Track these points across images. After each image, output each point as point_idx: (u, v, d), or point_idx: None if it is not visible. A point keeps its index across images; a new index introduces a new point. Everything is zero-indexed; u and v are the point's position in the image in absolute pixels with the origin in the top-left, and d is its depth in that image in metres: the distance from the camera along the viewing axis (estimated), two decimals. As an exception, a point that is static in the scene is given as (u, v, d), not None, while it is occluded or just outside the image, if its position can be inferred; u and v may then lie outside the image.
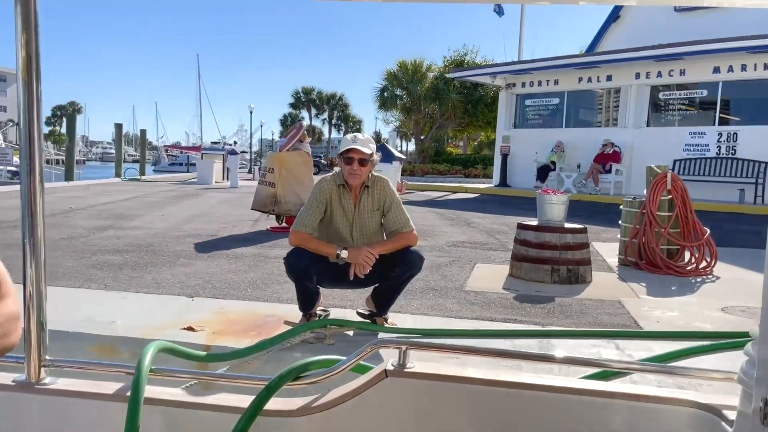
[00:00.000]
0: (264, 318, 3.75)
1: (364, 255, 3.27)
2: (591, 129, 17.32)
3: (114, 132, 27.72)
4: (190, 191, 15.45)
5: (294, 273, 3.36)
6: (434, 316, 4.02)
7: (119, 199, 12.25)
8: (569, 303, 4.61)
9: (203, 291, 4.49)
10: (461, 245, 7.41)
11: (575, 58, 16.59)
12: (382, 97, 30.97)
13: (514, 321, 4.00)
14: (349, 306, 4.20)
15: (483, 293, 4.86)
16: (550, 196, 5.60)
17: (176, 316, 3.71)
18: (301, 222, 3.39)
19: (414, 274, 3.51)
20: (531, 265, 5.44)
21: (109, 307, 3.87)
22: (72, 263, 5.36)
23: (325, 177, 3.54)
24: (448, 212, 11.57)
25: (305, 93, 51.83)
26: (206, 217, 9.36)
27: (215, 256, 6.02)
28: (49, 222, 8.07)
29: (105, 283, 4.62)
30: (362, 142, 3.43)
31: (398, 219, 3.50)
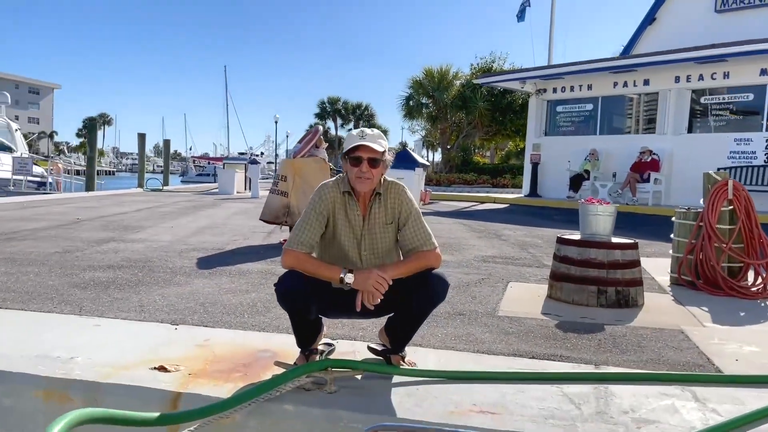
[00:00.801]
0: (256, 354, 3.11)
1: (374, 280, 2.61)
2: (627, 136, 16.45)
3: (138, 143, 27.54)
4: (208, 201, 14.97)
5: (287, 303, 2.70)
6: (462, 351, 3.33)
7: (132, 209, 11.78)
8: (622, 333, 3.89)
9: (192, 316, 3.86)
10: (491, 260, 6.71)
11: (610, 61, 15.76)
12: (407, 106, 30.35)
13: (560, 358, 3.30)
14: (361, 336, 3.53)
15: (519, 319, 4.16)
16: (594, 207, 4.88)
17: (151, 350, 3.09)
18: (296, 239, 2.75)
19: (436, 304, 2.83)
20: (574, 286, 4.72)
21: (75, 337, 3.26)
22: (54, 281, 4.79)
23: (327, 183, 2.88)
24: (476, 223, 10.85)
25: (331, 103, 51.56)
26: (217, 229, 8.80)
27: (217, 273, 5.42)
28: (51, 234, 7.58)
29: (82, 306, 4.02)
30: (371, 137, 2.77)
31: (417, 234, 2.82)
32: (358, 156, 2.73)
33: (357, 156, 2.74)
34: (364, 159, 2.73)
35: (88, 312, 3.87)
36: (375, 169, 2.76)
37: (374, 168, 2.75)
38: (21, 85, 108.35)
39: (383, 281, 2.61)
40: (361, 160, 2.73)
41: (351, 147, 2.75)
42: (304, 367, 2.66)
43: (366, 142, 2.73)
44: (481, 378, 2.83)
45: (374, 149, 2.73)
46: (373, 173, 2.76)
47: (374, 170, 2.76)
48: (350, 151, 2.76)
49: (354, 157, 2.74)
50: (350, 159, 2.76)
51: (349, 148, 2.77)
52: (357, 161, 2.74)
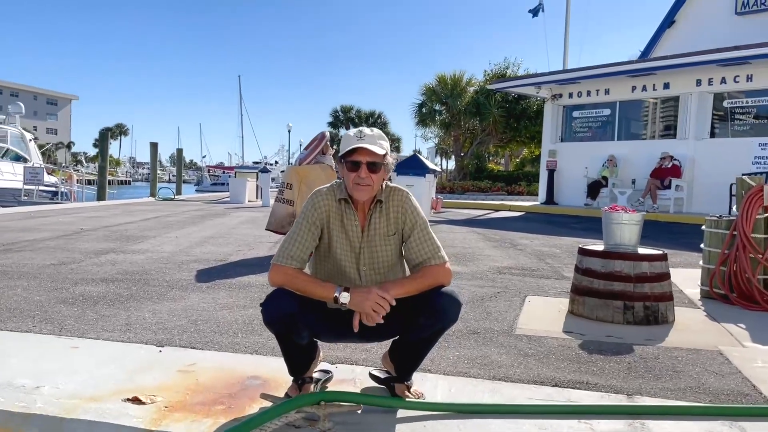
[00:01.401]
0: (244, 381, 2.77)
1: (373, 301, 2.27)
2: (646, 141, 15.99)
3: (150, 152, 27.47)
4: (218, 210, 14.73)
5: (275, 327, 2.37)
6: (477, 378, 2.97)
7: (139, 219, 11.55)
8: (654, 354, 3.51)
9: (181, 336, 3.54)
10: (507, 271, 6.34)
11: (628, 64, 15.34)
12: (420, 113, 30.04)
13: (586, 385, 2.93)
14: (363, 360, 3.19)
15: (539, 339, 3.79)
16: (619, 215, 4.51)
17: (128, 376, 2.77)
18: (285, 252, 2.41)
19: (447, 327, 2.48)
20: (598, 301, 4.35)
21: (46, 361, 2.96)
22: (41, 296, 4.50)
23: (320, 189, 2.54)
24: (491, 232, 10.48)
25: (344, 111, 51.27)
26: (222, 239, 8.50)
27: (215, 286, 5.10)
28: (50, 245, 7.33)
29: (63, 324, 3.72)
30: (371, 138, 2.43)
31: (424, 247, 2.48)
32: (356, 160, 2.40)
33: (354, 160, 2.40)
34: (362, 163, 2.39)
35: (69, 331, 3.56)
36: (375, 174, 2.41)
37: (374, 173, 2.41)
38: (39, 96, 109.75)
39: (384, 301, 2.27)
40: (359, 165, 2.39)
41: (348, 149, 2.42)
42: (294, 401, 2.32)
43: (365, 144, 2.39)
44: (498, 412, 2.48)
45: (374, 152, 2.39)
46: (373, 179, 2.42)
47: (374, 176, 2.41)
48: (347, 154, 2.42)
49: (351, 161, 2.41)
50: (347, 163, 2.42)
51: (345, 151, 2.43)
52: (354, 166, 2.40)
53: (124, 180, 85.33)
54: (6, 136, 21.52)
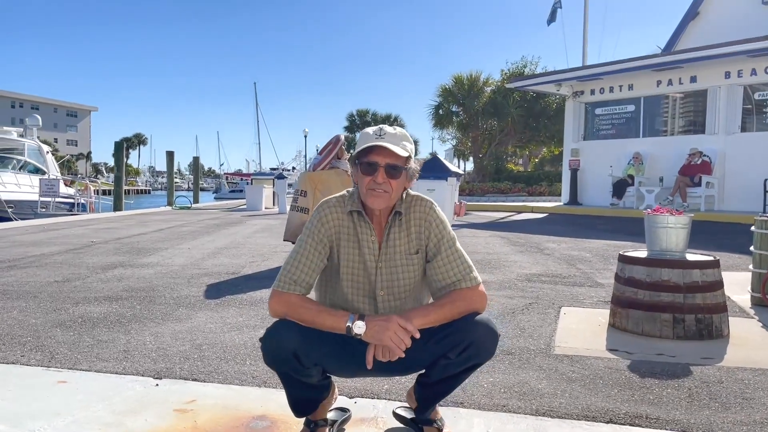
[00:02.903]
0: (248, 424, 2.40)
1: (392, 332, 1.88)
2: (673, 138, 15.42)
3: (166, 160, 27.39)
4: (234, 219, 14.45)
5: (277, 365, 1.99)
6: (517, 414, 2.57)
7: (153, 230, 11.28)
8: (716, 377, 3.08)
9: (182, 365, 3.19)
10: (537, 279, 5.93)
11: (652, 58, 14.79)
12: (437, 115, 29.61)
13: (646, 420, 2.52)
14: (386, 392, 2.81)
15: (581, 359, 3.38)
16: (665, 218, 4.07)
17: (117, 419, 2.41)
18: (287, 277, 2.04)
19: (481, 363, 2.07)
20: (643, 314, 3.92)
21: (28, 401, 2.61)
22: (37, 319, 4.18)
23: (328, 200, 2.15)
24: (515, 236, 10.04)
25: (360, 115, 51.06)
26: (236, 250, 8.18)
27: (225, 303, 4.76)
28: (58, 260, 7.05)
29: (55, 353, 3.38)
30: (392, 137, 2.03)
31: (454, 267, 2.08)
32: (373, 161, 2.01)
33: (371, 161, 2.01)
34: (380, 165, 2.00)
35: (60, 362, 3.22)
36: (395, 180, 2.02)
37: (393, 179, 2.02)
38: (59, 108, 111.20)
39: (405, 333, 1.88)
40: (376, 167, 2.00)
41: (364, 148, 2.02)
42: (303, 454, 1.95)
43: (385, 142, 2.00)
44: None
45: (395, 153, 2.00)
46: (392, 185, 2.02)
47: (393, 182, 2.02)
48: (362, 153, 2.03)
49: (367, 162, 2.01)
50: (361, 164, 2.03)
51: (360, 150, 2.03)
52: (370, 168, 2.01)
53: (143, 189, 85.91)
54: (23, 149, 21.49)
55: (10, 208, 17.01)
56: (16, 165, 20.52)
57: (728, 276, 5.97)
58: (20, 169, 20.58)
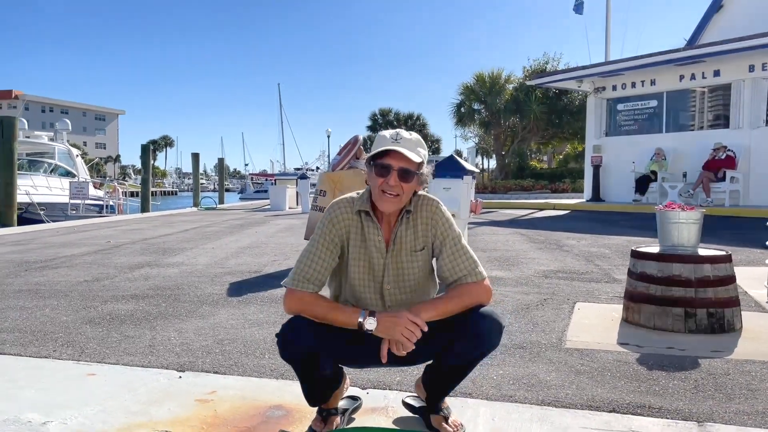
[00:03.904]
0: (265, 412, 2.54)
1: (403, 326, 2.00)
2: (697, 132, 15.26)
3: (192, 162, 27.85)
4: (257, 219, 14.68)
5: (292, 360, 2.11)
6: (523, 403, 2.67)
7: (178, 230, 11.54)
8: (723, 369, 3.14)
9: (204, 359, 3.34)
10: (554, 275, 5.98)
11: (675, 53, 14.65)
12: (458, 113, 29.59)
13: (648, 410, 2.59)
14: (397, 383, 2.92)
15: (591, 353, 3.46)
16: (676, 213, 4.12)
17: (142, 408, 2.56)
18: (300, 275, 2.16)
19: (487, 353, 2.18)
20: (655, 308, 3.97)
21: (59, 392, 2.78)
22: (68, 317, 4.38)
23: (339, 201, 2.26)
24: (535, 233, 10.07)
25: (382, 115, 51.19)
26: (258, 249, 8.36)
27: (247, 300, 4.91)
28: (87, 260, 7.29)
29: (85, 348, 3.56)
30: (408, 142, 2.14)
31: (459, 262, 2.19)
32: (387, 164, 2.11)
33: (385, 163, 2.11)
34: (393, 169, 2.10)
35: (89, 356, 3.40)
36: (407, 183, 2.12)
37: (406, 182, 2.12)
38: (88, 112, 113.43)
39: (415, 327, 1.99)
40: (389, 170, 2.10)
41: (379, 151, 2.12)
42: (314, 439, 2.07)
43: (400, 147, 2.10)
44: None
45: (409, 158, 2.10)
46: (404, 188, 2.12)
47: (405, 185, 2.12)
48: (377, 155, 2.13)
49: (381, 164, 2.11)
50: (376, 166, 2.13)
51: (376, 152, 2.13)
52: (384, 170, 2.11)
53: (170, 191, 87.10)
54: (54, 153, 22.02)
55: (42, 210, 17.48)
56: (47, 168, 21.06)
57: (748, 271, 5.99)
58: (51, 172, 21.12)
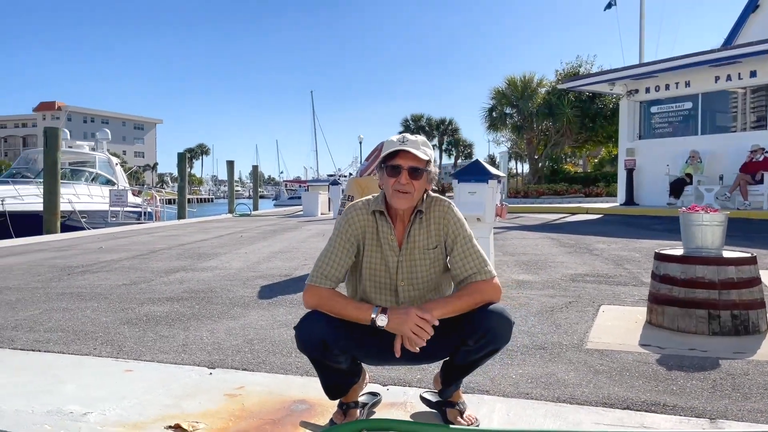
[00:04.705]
0: (289, 406, 2.67)
1: (412, 323, 2.11)
2: (733, 134, 14.99)
3: (227, 170, 28.38)
4: (290, 224, 14.92)
5: (307, 350, 2.25)
6: (538, 400, 2.74)
7: (213, 236, 11.83)
8: (743, 370, 3.16)
9: (234, 357, 3.49)
10: (581, 279, 6.00)
11: (709, 54, 14.43)
12: (490, 117, 29.49)
13: (663, 407, 2.64)
14: (417, 380, 3.02)
15: (612, 353, 3.50)
16: (699, 216, 4.13)
17: (175, 401, 2.72)
18: (319, 272, 2.29)
19: (499, 349, 2.27)
20: (678, 310, 3.99)
21: (98, 386, 2.96)
22: (108, 318, 4.59)
23: (355, 203, 2.41)
24: (566, 237, 10.05)
25: (414, 120, 51.33)
26: (290, 254, 8.54)
27: (277, 302, 5.07)
28: (126, 265, 7.57)
29: (122, 346, 3.75)
30: (414, 143, 2.29)
31: (469, 261, 2.29)
32: (397, 164, 2.26)
33: (395, 164, 2.26)
34: (403, 168, 2.25)
35: (127, 354, 3.58)
36: (416, 181, 2.27)
37: (416, 180, 2.26)
38: (127, 122, 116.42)
39: (425, 323, 2.10)
40: (400, 170, 2.25)
41: (388, 153, 2.28)
42: (332, 430, 2.18)
43: (407, 147, 2.25)
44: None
45: (417, 156, 2.25)
46: (414, 186, 2.27)
47: (415, 182, 2.27)
48: (387, 158, 2.29)
49: (392, 165, 2.27)
50: (387, 168, 2.28)
51: (386, 154, 2.29)
52: (395, 170, 2.26)
53: (206, 198, 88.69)
54: (95, 162, 22.74)
55: (83, 218, 18.08)
56: (88, 177, 21.75)
57: (780, 274, 5.90)
58: (92, 180, 21.81)
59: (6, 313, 4.80)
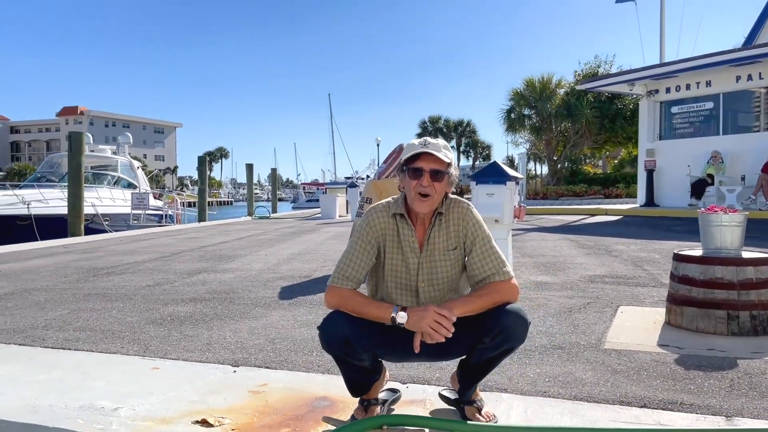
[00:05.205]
0: (312, 403, 2.74)
1: (430, 319, 2.16)
2: (756, 134, 14.83)
3: (246, 173, 28.63)
4: (309, 227, 15.04)
5: (332, 351, 2.31)
6: (556, 398, 2.78)
7: (233, 238, 11.97)
8: (761, 369, 3.17)
9: (257, 355, 3.57)
10: (600, 280, 6.01)
11: (730, 53, 14.30)
12: (509, 119, 29.43)
13: (679, 406, 2.67)
14: (436, 379, 3.08)
15: (630, 353, 3.53)
16: (718, 216, 4.13)
17: (200, 398, 2.80)
18: (340, 273, 2.35)
19: (514, 347, 2.32)
20: (697, 310, 4.00)
21: (127, 383, 3.05)
22: (133, 317, 4.71)
23: (376, 206, 2.47)
24: (584, 239, 10.03)
25: (432, 122, 51.28)
26: (309, 255, 8.64)
27: (297, 303, 5.15)
28: (149, 266, 7.71)
29: (149, 345, 3.85)
30: (436, 146, 2.33)
31: (488, 262, 2.35)
32: (419, 167, 2.30)
33: (417, 167, 2.31)
34: (425, 170, 2.29)
35: (153, 352, 3.68)
36: (438, 183, 2.31)
37: (437, 182, 2.30)
38: (147, 126, 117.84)
39: (443, 319, 2.16)
40: (422, 172, 2.29)
41: (410, 155, 2.32)
42: (354, 425, 2.25)
43: (429, 149, 2.30)
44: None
45: (439, 158, 2.29)
46: (436, 188, 2.31)
47: (437, 185, 2.31)
48: (409, 160, 2.33)
49: (414, 167, 2.31)
50: (409, 170, 2.32)
51: (408, 157, 2.34)
52: (417, 173, 2.30)
53: (226, 201, 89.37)
54: (117, 165, 23.07)
55: (106, 221, 18.37)
56: (110, 181, 22.08)
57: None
58: (114, 184, 22.13)
59: (36, 313, 4.94)
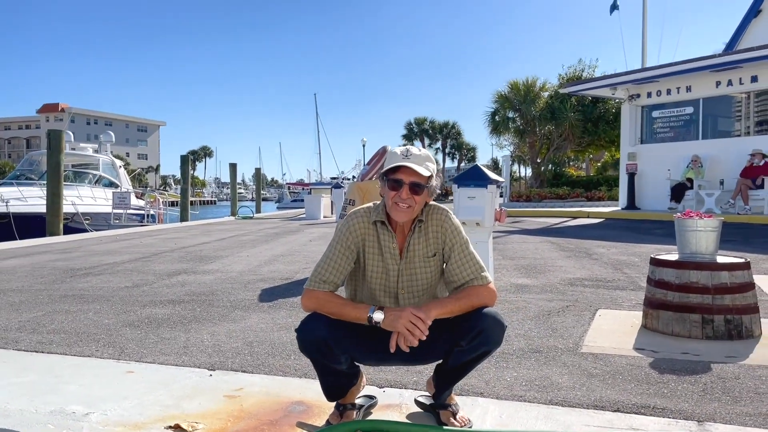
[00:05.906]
0: (287, 407, 2.72)
1: (406, 319, 2.16)
2: (733, 139, 15.04)
3: (229, 172, 28.47)
4: (292, 228, 14.99)
5: (309, 353, 2.30)
6: (531, 403, 2.80)
7: (215, 239, 11.90)
8: (734, 374, 3.21)
9: (234, 359, 3.55)
10: (579, 283, 6.05)
11: (710, 59, 14.48)
12: (493, 121, 29.56)
13: (652, 410, 2.69)
14: (413, 383, 3.08)
15: (606, 357, 3.55)
16: (693, 221, 4.18)
17: (174, 402, 2.78)
18: (317, 277, 2.35)
19: (491, 351, 2.33)
20: (673, 314, 4.04)
21: (100, 387, 3.02)
22: (110, 320, 4.66)
23: (357, 211, 2.47)
24: (566, 241, 10.10)
25: (418, 124, 51.45)
26: (291, 257, 8.61)
27: (277, 305, 5.13)
28: (128, 267, 7.64)
29: (124, 348, 3.81)
30: (417, 158, 2.32)
31: (466, 267, 2.36)
32: (399, 178, 2.30)
33: (397, 178, 2.31)
34: (405, 183, 2.29)
35: (128, 355, 3.64)
36: (417, 196, 2.31)
37: (416, 195, 2.31)
38: (131, 124, 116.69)
39: (418, 320, 2.16)
40: (401, 184, 2.29)
41: (391, 167, 2.32)
42: (328, 430, 2.24)
43: (410, 162, 2.29)
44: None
45: (418, 172, 2.29)
46: (415, 200, 2.31)
47: (416, 197, 2.31)
48: (390, 171, 2.33)
49: (394, 179, 2.31)
50: (389, 181, 2.33)
51: (388, 168, 2.33)
52: (396, 184, 2.30)
53: (209, 200, 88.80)
54: (98, 164, 22.82)
55: (86, 220, 18.16)
56: (91, 179, 21.83)
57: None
58: (96, 183, 21.89)
59: (10, 314, 4.87)
